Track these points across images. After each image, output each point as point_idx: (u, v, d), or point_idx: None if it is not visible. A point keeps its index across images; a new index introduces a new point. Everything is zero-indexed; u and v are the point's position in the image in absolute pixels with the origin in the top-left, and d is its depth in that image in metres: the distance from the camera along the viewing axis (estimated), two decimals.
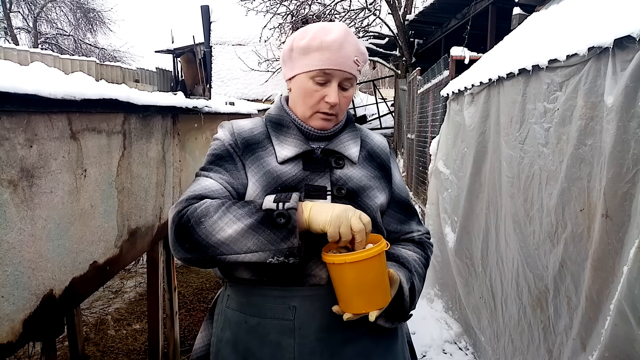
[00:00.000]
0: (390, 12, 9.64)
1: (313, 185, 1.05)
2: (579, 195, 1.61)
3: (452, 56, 4.17)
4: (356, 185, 1.09)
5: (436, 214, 3.57)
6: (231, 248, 0.91)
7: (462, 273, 2.97)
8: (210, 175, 1.05)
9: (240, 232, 0.91)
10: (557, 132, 1.75)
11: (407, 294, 1.02)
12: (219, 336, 1.10)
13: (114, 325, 3.30)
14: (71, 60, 12.19)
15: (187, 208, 0.97)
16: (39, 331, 1.56)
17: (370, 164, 1.16)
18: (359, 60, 1.09)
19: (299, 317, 1.01)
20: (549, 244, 1.82)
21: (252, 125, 1.15)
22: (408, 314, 1.06)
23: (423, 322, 3.36)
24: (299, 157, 1.08)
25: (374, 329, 1.05)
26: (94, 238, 1.88)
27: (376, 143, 1.22)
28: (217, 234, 0.91)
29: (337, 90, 1.07)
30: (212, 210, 0.94)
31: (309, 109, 1.10)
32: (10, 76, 1.37)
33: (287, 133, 1.12)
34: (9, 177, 1.40)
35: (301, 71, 1.09)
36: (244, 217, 0.92)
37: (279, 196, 0.95)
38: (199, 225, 0.93)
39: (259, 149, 1.09)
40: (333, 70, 1.05)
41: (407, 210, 1.21)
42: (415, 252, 1.16)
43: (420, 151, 5.76)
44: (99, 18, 21.06)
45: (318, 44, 1.05)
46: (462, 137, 3.00)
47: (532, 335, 2.01)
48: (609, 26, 1.47)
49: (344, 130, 1.18)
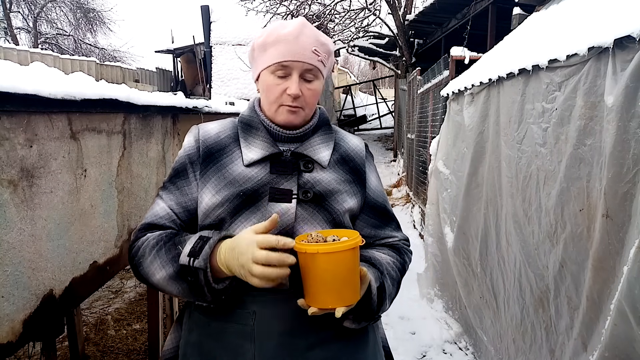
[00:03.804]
0: (390, 12, 9.64)
1: (278, 188, 1.04)
2: (578, 195, 1.61)
3: (452, 56, 4.17)
4: (324, 189, 1.07)
5: (436, 214, 3.57)
6: (165, 289, 1.00)
7: (461, 273, 2.97)
8: (162, 197, 1.10)
9: (165, 280, 0.97)
10: (556, 132, 1.75)
11: (374, 292, 1.00)
12: (186, 339, 1.09)
13: (114, 325, 3.30)
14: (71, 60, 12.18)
15: (135, 243, 1.04)
16: (39, 331, 1.56)
17: (342, 168, 1.14)
18: (319, 50, 1.07)
19: (259, 322, 1.00)
20: (548, 244, 1.82)
21: (220, 128, 1.14)
22: (375, 315, 1.03)
23: (423, 322, 3.37)
24: (266, 159, 1.07)
25: (341, 333, 1.03)
26: (94, 238, 1.88)
27: (351, 146, 1.19)
28: (151, 277, 1.00)
29: (297, 81, 1.05)
30: (147, 251, 1.00)
31: (273, 104, 1.08)
32: (10, 76, 1.37)
33: (255, 135, 1.11)
34: (9, 177, 1.40)
35: (262, 68, 1.09)
36: (167, 265, 0.97)
37: (194, 247, 0.94)
38: (139, 266, 1.01)
39: (224, 156, 1.09)
40: (291, 62, 1.05)
41: (382, 215, 1.18)
42: (390, 256, 1.13)
43: (420, 151, 5.76)
44: (99, 18, 21.05)
45: (274, 39, 1.06)
46: (462, 137, 3.00)
47: (534, 335, 2.01)
48: (609, 26, 1.47)
49: (317, 133, 1.15)
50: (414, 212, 6.07)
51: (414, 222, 5.92)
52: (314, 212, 1.05)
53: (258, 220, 1.02)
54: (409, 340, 3.16)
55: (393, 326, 3.35)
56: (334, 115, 16.36)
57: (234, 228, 1.02)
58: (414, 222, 5.89)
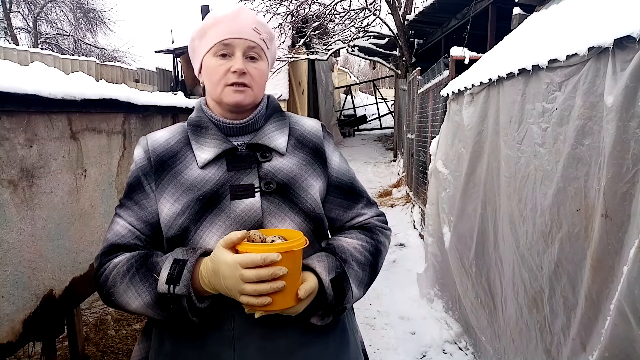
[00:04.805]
0: (390, 12, 9.63)
1: (239, 185, 1.00)
2: (575, 195, 1.61)
3: (452, 56, 4.17)
4: (286, 177, 1.04)
5: (436, 214, 3.57)
6: (142, 314, 0.97)
7: (456, 273, 2.98)
8: (121, 215, 1.05)
9: (143, 308, 0.94)
10: (555, 132, 1.75)
11: (327, 285, 0.95)
12: (157, 349, 1.03)
13: (114, 325, 3.30)
14: (71, 60, 12.17)
15: (101, 271, 1.00)
16: (39, 331, 1.56)
17: (302, 151, 1.11)
18: (259, 29, 1.06)
19: (238, 326, 0.96)
20: (542, 244, 1.82)
21: (169, 135, 1.10)
22: (338, 307, 0.98)
23: (423, 322, 3.37)
24: (221, 157, 1.04)
25: (321, 335, 1.01)
26: (94, 238, 1.88)
27: (306, 128, 1.16)
28: (126, 306, 0.96)
29: (242, 58, 1.04)
30: (118, 280, 0.96)
31: (217, 85, 1.05)
32: (10, 76, 1.37)
33: (205, 134, 1.07)
34: (9, 177, 1.40)
35: (203, 53, 1.07)
36: (144, 294, 0.94)
37: (171, 273, 0.91)
38: (111, 295, 0.97)
39: (177, 162, 1.05)
40: (232, 40, 1.03)
41: (349, 194, 1.15)
42: (358, 239, 1.08)
43: (420, 151, 5.76)
44: (99, 18, 21.06)
45: (212, 22, 1.05)
46: (460, 136, 3.00)
47: (529, 335, 2.01)
48: (609, 26, 1.47)
49: (269, 121, 1.12)
50: (414, 212, 6.07)
51: (414, 222, 5.92)
52: (280, 204, 1.02)
53: (223, 221, 0.98)
54: (409, 340, 3.16)
55: (393, 326, 3.35)
56: (333, 115, 16.37)
57: (201, 235, 0.98)
58: (414, 222, 5.89)
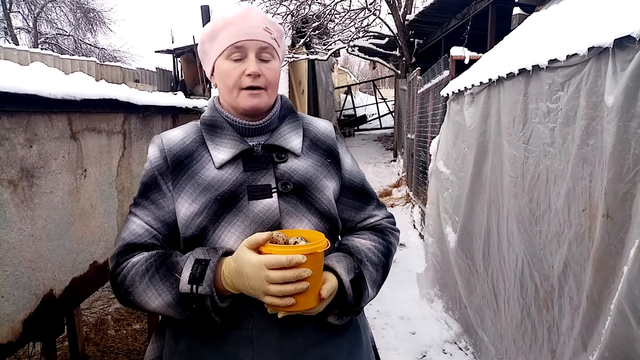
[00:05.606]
0: (390, 12, 9.63)
1: (256, 185, 1.01)
2: (582, 195, 1.61)
3: (452, 56, 4.17)
4: (302, 178, 1.04)
5: (436, 214, 3.57)
6: (162, 314, 0.96)
7: (463, 273, 2.97)
8: (137, 214, 1.03)
9: (163, 307, 0.94)
10: (563, 131, 1.75)
11: (347, 286, 0.96)
12: (172, 348, 1.03)
13: (114, 325, 3.30)
14: (71, 60, 12.17)
15: (119, 270, 0.99)
16: (39, 331, 1.56)
17: (316, 152, 1.11)
18: (270, 28, 1.06)
19: (257, 325, 0.97)
20: (555, 244, 1.82)
21: (183, 134, 1.09)
22: (356, 307, 1.00)
23: (423, 322, 3.37)
24: (238, 158, 1.04)
25: (336, 334, 1.02)
26: (94, 238, 1.88)
27: (320, 129, 1.17)
28: (145, 306, 0.95)
29: (255, 61, 1.03)
30: (137, 279, 0.95)
31: (233, 90, 1.04)
32: (10, 76, 1.37)
33: (221, 134, 1.07)
34: (9, 177, 1.40)
35: (216, 56, 1.06)
36: (165, 293, 0.93)
37: (193, 273, 0.91)
38: (129, 295, 0.96)
39: (193, 162, 1.04)
40: (244, 42, 1.03)
41: (361, 195, 1.16)
42: (371, 240, 1.10)
43: (420, 151, 5.76)
44: (99, 18, 21.06)
45: (222, 24, 1.04)
46: (463, 137, 3.00)
47: (535, 335, 2.01)
48: (609, 26, 1.47)
49: (284, 122, 1.13)
50: (414, 212, 6.07)
51: (414, 222, 5.92)
52: (297, 205, 1.02)
53: (242, 221, 0.98)
54: (409, 340, 3.16)
55: (393, 326, 3.35)
56: (333, 115, 16.36)
57: (219, 234, 0.99)
58: (414, 222, 5.89)
